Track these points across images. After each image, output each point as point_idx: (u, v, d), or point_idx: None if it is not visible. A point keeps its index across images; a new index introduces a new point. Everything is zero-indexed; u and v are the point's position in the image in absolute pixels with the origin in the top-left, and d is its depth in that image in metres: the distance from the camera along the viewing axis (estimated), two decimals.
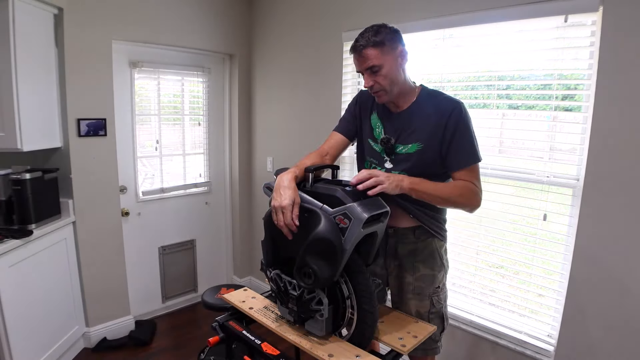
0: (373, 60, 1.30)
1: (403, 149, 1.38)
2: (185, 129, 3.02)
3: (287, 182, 1.20)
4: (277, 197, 1.17)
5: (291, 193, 1.17)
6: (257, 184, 3.23)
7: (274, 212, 1.19)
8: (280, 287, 1.27)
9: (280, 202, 1.16)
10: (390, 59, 1.31)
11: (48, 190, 2.19)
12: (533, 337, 1.81)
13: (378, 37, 1.29)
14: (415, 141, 1.36)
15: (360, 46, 1.30)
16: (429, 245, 1.45)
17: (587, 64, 1.60)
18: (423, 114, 1.37)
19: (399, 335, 1.27)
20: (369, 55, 1.29)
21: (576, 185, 1.64)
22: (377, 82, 1.32)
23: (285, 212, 1.15)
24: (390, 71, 1.32)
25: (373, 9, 2.22)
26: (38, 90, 2.13)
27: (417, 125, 1.37)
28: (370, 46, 1.29)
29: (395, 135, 1.40)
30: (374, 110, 1.49)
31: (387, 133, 1.42)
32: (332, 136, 1.54)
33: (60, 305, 2.28)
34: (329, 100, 2.51)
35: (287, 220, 1.15)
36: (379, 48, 1.29)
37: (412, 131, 1.37)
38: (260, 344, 1.24)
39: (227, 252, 3.39)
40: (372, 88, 1.35)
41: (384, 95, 1.36)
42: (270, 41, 2.94)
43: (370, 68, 1.31)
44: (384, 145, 1.40)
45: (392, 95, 1.37)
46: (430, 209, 1.41)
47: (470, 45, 1.93)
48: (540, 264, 1.80)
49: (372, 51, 1.29)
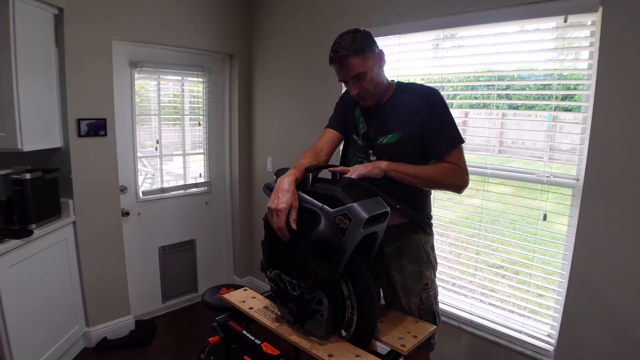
0: (357, 69, 1.31)
1: (384, 139, 1.41)
2: (185, 129, 3.02)
3: (287, 185, 1.20)
4: (275, 199, 1.18)
5: (289, 197, 1.17)
6: (257, 184, 3.23)
7: (269, 214, 1.19)
8: (280, 287, 1.27)
9: (277, 205, 1.16)
10: (371, 63, 1.33)
11: (48, 190, 2.19)
12: (533, 337, 1.81)
13: (357, 44, 1.30)
14: (395, 131, 1.39)
15: (343, 56, 1.30)
16: (415, 243, 1.45)
17: (587, 64, 1.60)
18: (400, 104, 1.40)
19: (399, 335, 1.27)
20: (352, 64, 1.30)
21: (576, 185, 1.64)
22: (364, 88, 1.35)
23: (280, 216, 1.15)
24: (374, 75, 1.35)
25: (373, 9, 2.22)
26: (38, 90, 2.13)
27: (396, 116, 1.40)
28: (352, 55, 1.29)
29: (376, 129, 1.43)
30: (357, 106, 1.52)
31: (369, 127, 1.45)
32: (325, 133, 1.56)
33: (61, 305, 2.28)
34: (329, 100, 2.49)
35: (281, 224, 1.16)
36: (360, 55, 1.30)
37: (392, 122, 1.40)
38: (260, 344, 1.24)
39: (227, 252, 3.39)
40: (358, 95, 1.37)
41: (370, 98, 1.39)
42: (270, 41, 2.94)
43: (356, 76, 1.33)
44: (365, 139, 1.44)
45: (377, 97, 1.40)
46: (414, 206, 1.42)
47: (470, 45, 1.93)
48: (540, 264, 1.80)
49: (354, 60, 1.30)
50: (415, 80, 2.16)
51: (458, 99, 2.05)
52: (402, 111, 1.38)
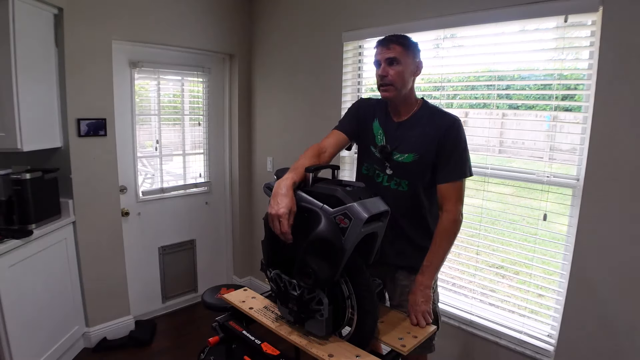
0: (395, 53, 1.38)
1: (400, 157, 1.44)
2: (185, 129, 3.02)
3: (285, 190, 1.19)
4: (274, 204, 1.18)
5: (288, 201, 1.17)
6: (257, 184, 3.23)
7: (270, 219, 1.19)
8: (280, 287, 1.27)
9: (277, 211, 1.16)
10: (409, 61, 1.41)
11: (48, 190, 2.19)
12: (533, 337, 1.81)
13: (406, 41, 1.41)
14: (411, 151, 1.42)
15: (390, 40, 1.41)
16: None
17: (587, 64, 1.60)
18: (421, 126, 1.43)
19: (399, 335, 1.27)
20: (394, 48, 1.39)
21: (576, 185, 1.64)
22: (391, 75, 1.39)
23: (282, 221, 1.16)
24: (405, 71, 1.40)
25: (374, 9, 2.22)
26: (38, 90, 2.13)
27: (414, 137, 1.43)
28: (398, 43, 1.39)
29: (394, 144, 1.45)
30: (375, 118, 1.53)
31: (387, 140, 1.47)
32: (333, 134, 1.55)
33: (60, 305, 2.28)
34: (329, 100, 2.51)
35: (284, 229, 1.16)
36: (404, 47, 1.40)
37: (410, 142, 1.43)
38: (260, 344, 1.24)
39: (227, 252, 3.39)
40: (384, 78, 1.41)
41: (392, 90, 1.41)
42: (270, 41, 2.94)
43: (390, 59, 1.39)
44: (381, 153, 1.47)
45: (399, 95, 1.42)
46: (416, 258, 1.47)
47: (470, 45, 1.93)
48: (540, 264, 1.80)
49: (397, 47, 1.39)
50: (416, 80, 2.17)
51: (458, 99, 2.05)
52: (422, 133, 1.42)
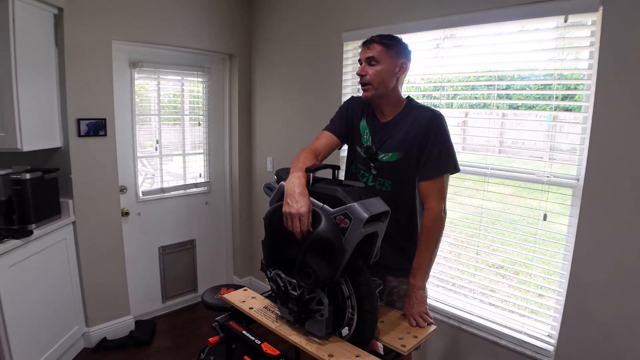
0: (375, 53, 1.40)
1: (384, 157, 1.45)
2: (185, 129, 3.02)
3: (301, 189, 1.20)
4: (293, 204, 1.17)
5: (307, 200, 1.18)
6: (257, 184, 3.23)
7: (287, 219, 1.18)
8: (280, 287, 1.27)
9: (298, 210, 1.16)
10: (390, 61, 1.41)
11: (48, 190, 2.19)
12: (533, 337, 1.81)
13: (389, 41, 1.41)
14: (396, 150, 1.43)
15: (371, 39, 1.43)
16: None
17: (587, 64, 1.60)
18: (405, 125, 1.44)
19: (399, 335, 1.27)
20: (374, 47, 1.41)
21: (576, 185, 1.64)
22: (369, 74, 1.41)
23: (302, 220, 1.16)
24: (384, 71, 1.40)
25: (373, 9, 2.22)
26: (38, 90, 2.13)
27: (398, 136, 1.44)
28: (379, 43, 1.41)
29: (378, 144, 1.46)
30: (363, 117, 1.54)
31: (373, 141, 1.48)
32: (323, 136, 1.55)
33: (60, 305, 2.28)
34: (329, 100, 2.50)
35: (305, 227, 1.16)
36: (385, 47, 1.40)
37: (394, 141, 1.44)
38: (260, 344, 1.24)
39: (227, 252, 3.39)
40: (362, 77, 1.43)
41: (370, 90, 1.43)
42: (270, 41, 2.94)
43: (369, 58, 1.41)
44: (366, 153, 1.48)
45: (377, 94, 1.43)
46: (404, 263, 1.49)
47: (470, 45, 1.93)
48: (540, 264, 1.80)
49: (378, 47, 1.40)
50: (416, 80, 2.18)
51: (458, 99, 2.05)
52: (406, 131, 1.42)
